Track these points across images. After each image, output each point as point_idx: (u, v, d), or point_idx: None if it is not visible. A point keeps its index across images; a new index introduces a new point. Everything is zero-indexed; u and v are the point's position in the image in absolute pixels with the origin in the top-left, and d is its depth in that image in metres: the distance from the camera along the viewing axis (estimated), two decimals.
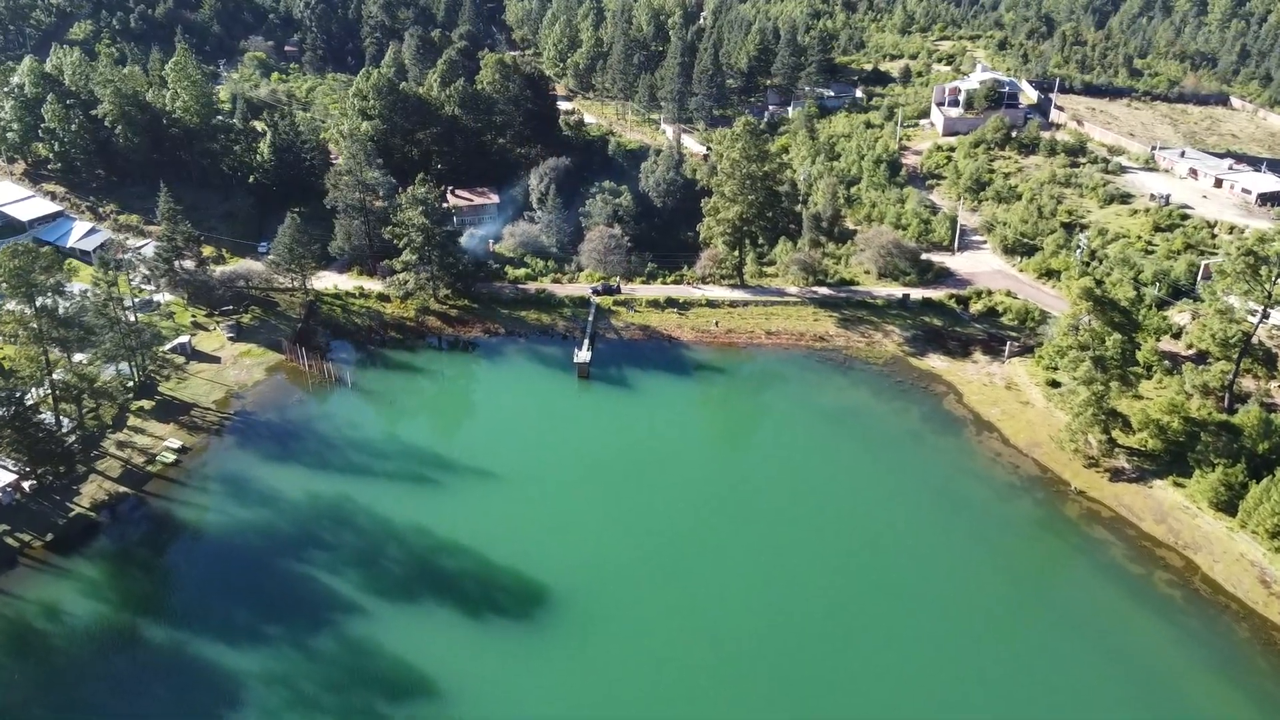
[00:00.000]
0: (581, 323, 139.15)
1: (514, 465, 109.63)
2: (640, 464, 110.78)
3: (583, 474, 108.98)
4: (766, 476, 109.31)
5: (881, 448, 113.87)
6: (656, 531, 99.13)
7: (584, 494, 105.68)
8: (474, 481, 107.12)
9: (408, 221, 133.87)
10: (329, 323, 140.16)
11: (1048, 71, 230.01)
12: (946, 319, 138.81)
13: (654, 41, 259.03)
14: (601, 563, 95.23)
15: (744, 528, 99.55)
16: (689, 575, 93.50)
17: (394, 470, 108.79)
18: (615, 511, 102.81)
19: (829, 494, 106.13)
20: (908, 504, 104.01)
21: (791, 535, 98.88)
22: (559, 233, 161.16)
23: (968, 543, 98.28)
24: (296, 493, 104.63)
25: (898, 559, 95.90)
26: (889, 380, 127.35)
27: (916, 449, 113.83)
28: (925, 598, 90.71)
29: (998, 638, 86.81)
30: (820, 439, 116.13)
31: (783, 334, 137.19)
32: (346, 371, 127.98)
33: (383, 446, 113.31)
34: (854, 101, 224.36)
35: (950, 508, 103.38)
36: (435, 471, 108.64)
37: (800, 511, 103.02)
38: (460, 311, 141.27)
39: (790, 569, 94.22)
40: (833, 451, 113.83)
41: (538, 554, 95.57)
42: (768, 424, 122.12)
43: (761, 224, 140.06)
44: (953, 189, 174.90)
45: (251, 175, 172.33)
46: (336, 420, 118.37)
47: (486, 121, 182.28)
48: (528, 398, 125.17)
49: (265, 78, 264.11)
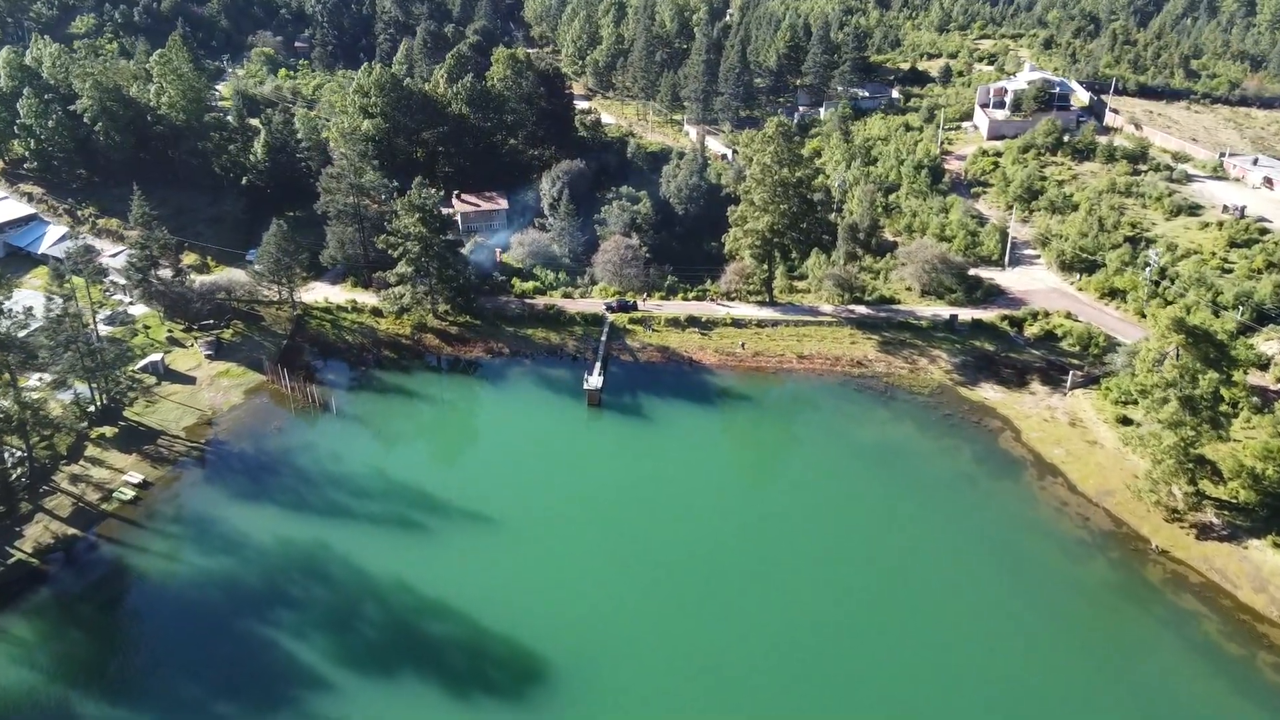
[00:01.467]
0: (593, 343, 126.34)
1: (513, 508, 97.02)
2: (656, 509, 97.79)
3: (590, 520, 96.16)
4: (798, 526, 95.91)
5: (930, 493, 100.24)
6: (673, 591, 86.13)
7: (591, 544, 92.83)
8: (467, 527, 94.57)
9: (404, 230, 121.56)
10: (317, 340, 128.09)
11: (1099, 72, 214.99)
12: (999, 343, 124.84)
13: (678, 39, 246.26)
14: (610, 628, 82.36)
15: (773, 588, 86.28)
16: (710, 644, 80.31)
17: (377, 512, 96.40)
18: (626, 565, 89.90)
19: (870, 548, 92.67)
20: (961, 561, 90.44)
21: (828, 598, 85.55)
22: (572, 242, 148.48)
23: (1033, 611, 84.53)
24: (266, 538, 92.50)
25: (951, 629, 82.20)
26: (936, 413, 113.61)
27: (970, 495, 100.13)
28: (984, 678, 77.17)
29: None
30: (860, 482, 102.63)
31: (816, 358, 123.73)
32: (332, 396, 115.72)
33: (367, 484, 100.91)
34: (890, 102, 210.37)
35: (1011, 567, 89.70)
36: (423, 514, 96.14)
37: (838, 569, 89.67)
38: (461, 329, 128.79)
39: (828, 638, 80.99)
40: (874, 496, 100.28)
41: (536, 616, 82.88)
42: (799, 463, 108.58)
43: (794, 236, 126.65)
44: (1001, 198, 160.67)
45: (245, 177, 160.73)
46: (318, 452, 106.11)
47: (497, 121, 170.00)
48: (532, 429, 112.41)
49: (272, 74, 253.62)
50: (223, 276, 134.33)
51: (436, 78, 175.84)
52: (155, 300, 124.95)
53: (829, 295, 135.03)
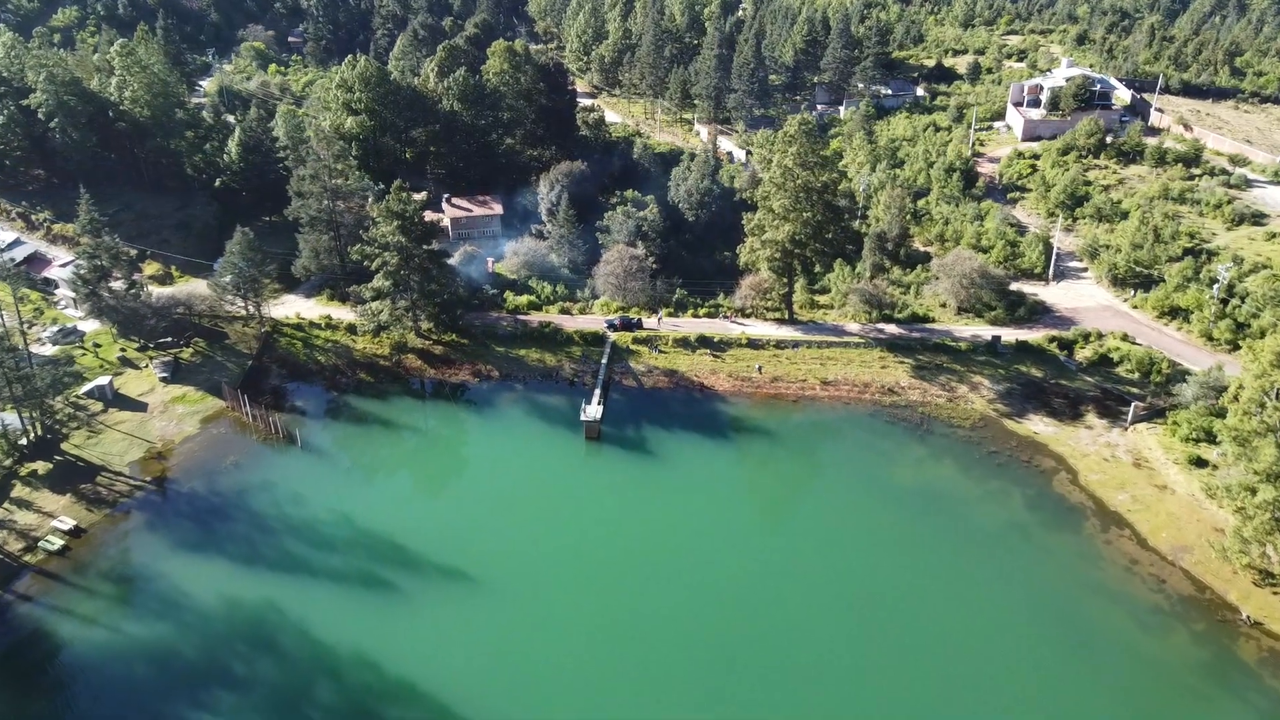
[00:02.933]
0: (593, 365, 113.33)
1: (497, 563, 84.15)
2: (661, 566, 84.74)
3: (587, 579, 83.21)
4: (825, 587, 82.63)
5: (976, 547, 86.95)
6: (682, 668, 73.06)
7: (588, 609, 79.76)
8: (443, 587, 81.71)
9: (381, 239, 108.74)
10: (286, 360, 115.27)
11: (1139, 69, 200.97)
12: (1048, 368, 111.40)
13: (688, 33, 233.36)
14: (609, 715, 69.48)
15: (798, 661, 73.11)
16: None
17: (340, 568, 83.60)
18: (629, 636, 76.93)
19: (909, 612, 79.35)
20: (1015, 632, 77.24)
21: (861, 674, 72.39)
22: (571, 251, 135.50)
23: (1102, 694, 71.22)
24: (210, 599, 79.82)
25: (1005, 716, 69.29)
26: (980, 450, 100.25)
27: (1023, 550, 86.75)
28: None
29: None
30: (895, 532, 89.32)
31: (842, 384, 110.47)
32: (297, 427, 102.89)
33: (330, 532, 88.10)
34: (915, 100, 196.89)
35: (1075, 639, 76.35)
36: (393, 571, 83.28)
37: (872, 640, 76.44)
38: (446, 349, 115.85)
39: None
40: (911, 550, 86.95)
41: (521, 702, 70.06)
42: (825, 511, 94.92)
43: (817, 247, 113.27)
44: (1041, 204, 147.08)
45: (219, 179, 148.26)
46: (277, 492, 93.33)
47: (492, 119, 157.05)
48: (521, 467, 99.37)
49: (262, 70, 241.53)
50: (183, 289, 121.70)
51: (426, 72, 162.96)
52: (106, 316, 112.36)
53: (855, 312, 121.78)
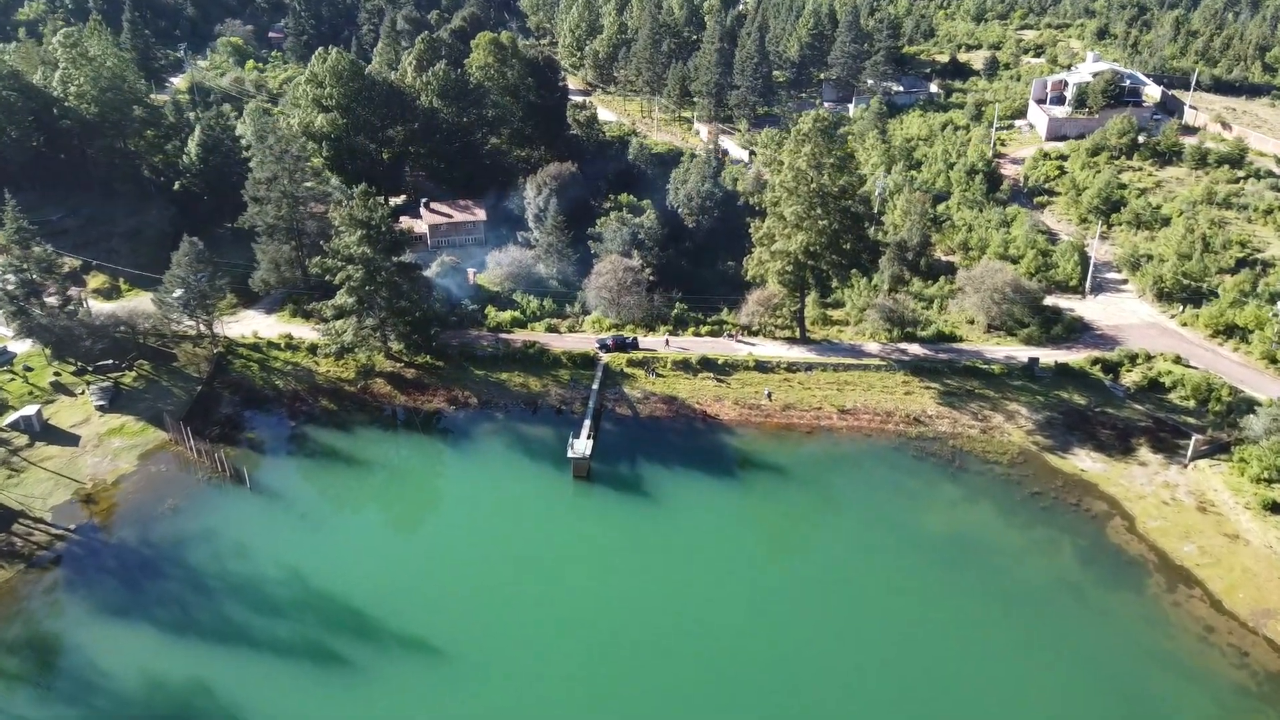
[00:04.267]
0: (583, 391, 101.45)
1: (469, 629, 72.40)
2: (660, 626, 72.99)
3: (573, 644, 71.33)
4: (845, 651, 70.85)
5: (1021, 608, 75.11)
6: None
7: (574, 681, 68.01)
8: (404, 659, 69.83)
9: (344, 251, 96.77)
10: (240, 385, 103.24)
11: (1166, 64, 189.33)
12: (1091, 394, 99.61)
13: (687, 27, 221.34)
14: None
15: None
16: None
17: (286, 638, 71.68)
18: (620, 712, 65.34)
19: (942, 683, 67.60)
20: (1071, 711, 65.56)
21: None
22: (560, 261, 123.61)
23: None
24: (131, 678, 67.98)
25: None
26: (1021, 491, 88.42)
27: (1076, 612, 74.85)
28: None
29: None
30: (925, 588, 77.47)
31: (862, 412, 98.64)
32: (247, 465, 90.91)
33: (277, 592, 76.19)
34: (929, 97, 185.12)
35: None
36: (347, 641, 71.38)
37: (899, 715, 64.91)
38: (419, 372, 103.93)
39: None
40: (945, 610, 75.14)
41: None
42: (845, 560, 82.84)
43: (834, 258, 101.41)
44: (1072, 209, 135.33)
45: (178, 181, 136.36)
46: (220, 543, 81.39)
47: (476, 116, 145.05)
48: (499, 512, 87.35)
49: (239, 66, 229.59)
50: (126, 305, 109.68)
51: (404, 66, 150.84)
52: (37, 336, 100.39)
53: (874, 330, 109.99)
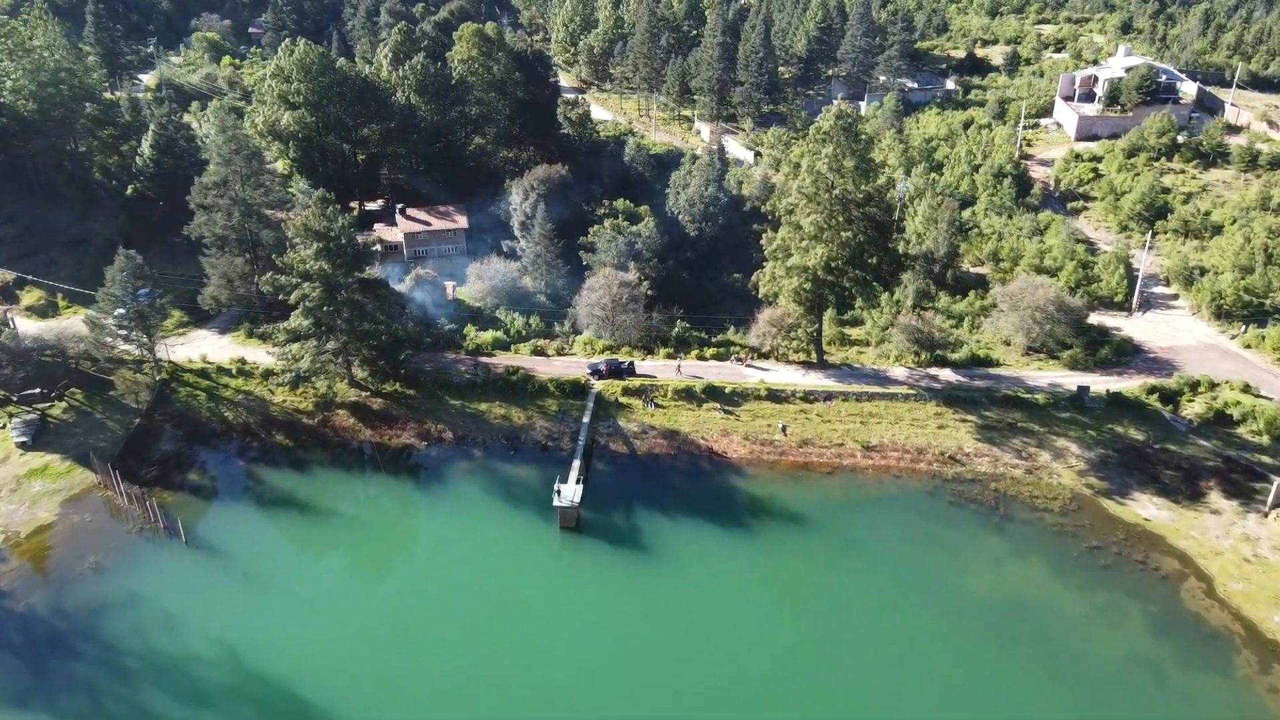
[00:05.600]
0: (572, 425, 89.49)
1: (436, 715, 60.59)
2: (659, 703, 61.11)
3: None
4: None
5: (1086, 691, 63.30)
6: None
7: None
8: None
9: (300, 267, 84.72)
10: (184, 418, 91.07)
11: (1197, 59, 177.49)
12: (1149, 428, 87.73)
13: (686, 21, 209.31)
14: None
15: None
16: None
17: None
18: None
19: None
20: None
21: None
22: (549, 274, 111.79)
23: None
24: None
25: None
26: (1077, 544, 76.51)
27: (1154, 699, 63.12)
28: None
29: None
30: (971, 666, 65.62)
31: (890, 450, 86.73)
32: (184, 514, 78.84)
33: (208, 676, 64.25)
34: (947, 95, 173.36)
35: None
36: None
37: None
38: (386, 403, 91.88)
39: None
40: (997, 693, 63.32)
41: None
42: (873, 629, 70.53)
43: (857, 274, 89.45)
44: (1111, 215, 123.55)
45: (131, 185, 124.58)
46: (144, 613, 69.39)
47: (459, 114, 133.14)
48: (474, 572, 75.22)
49: (215, 62, 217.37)
50: (56, 326, 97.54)
51: (379, 59, 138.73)
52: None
53: (899, 353, 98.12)
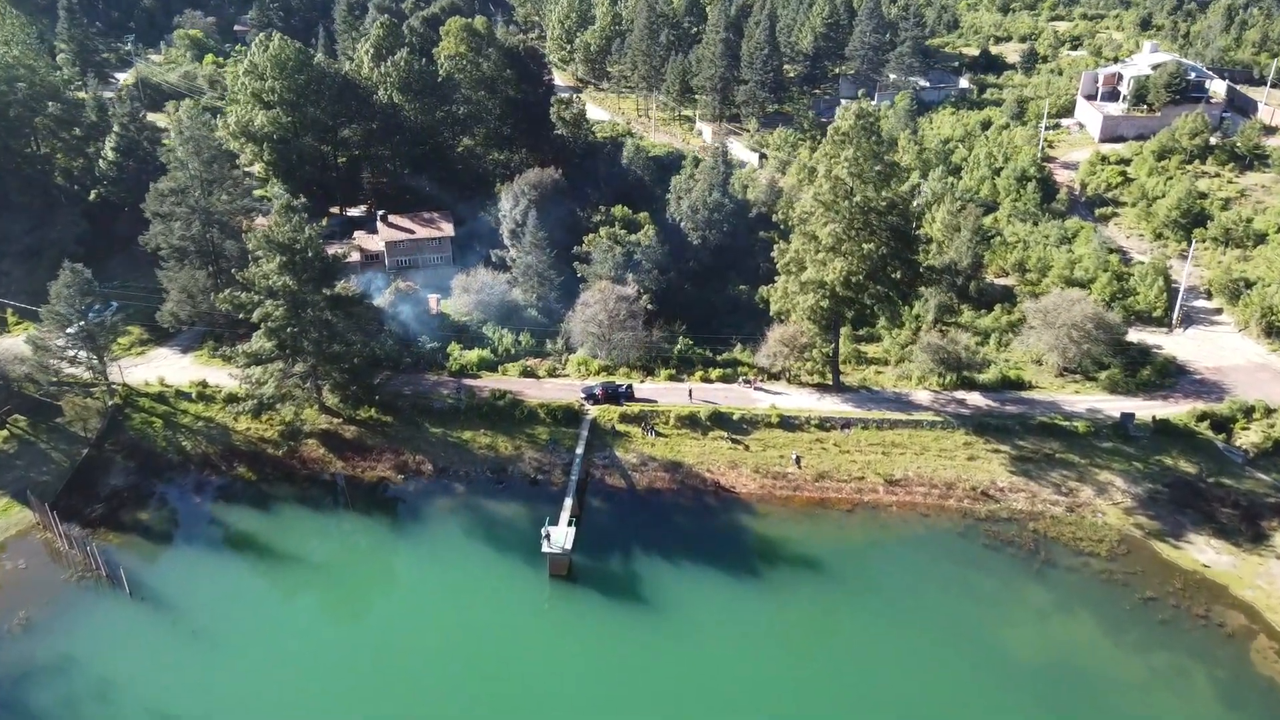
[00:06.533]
0: (565, 456, 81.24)
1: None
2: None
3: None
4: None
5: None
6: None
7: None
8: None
9: (260, 283, 76.41)
10: (138, 448, 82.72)
11: (1223, 56, 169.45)
12: (1201, 459, 79.44)
13: (687, 17, 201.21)
14: None
15: None
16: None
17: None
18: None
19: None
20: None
21: None
22: (540, 286, 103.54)
23: None
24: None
25: None
26: (1129, 595, 68.26)
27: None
28: None
29: None
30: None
31: (915, 484, 78.50)
32: (130, 560, 70.57)
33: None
34: (961, 94, 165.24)
35: None
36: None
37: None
38: (361, 431, 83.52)
39: None
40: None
41: None
42: (902, 693, 62.21)
43: (879, 289, 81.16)
44: (1144, 222, 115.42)
45: (95, 190, 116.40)
46: (78, 679, 61.17)
47: (445, 114, 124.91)
48: (454, 626, 66.86)
49: (198, 61, 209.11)
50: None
51: (360, 55, 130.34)
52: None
53: (922, 374, 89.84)
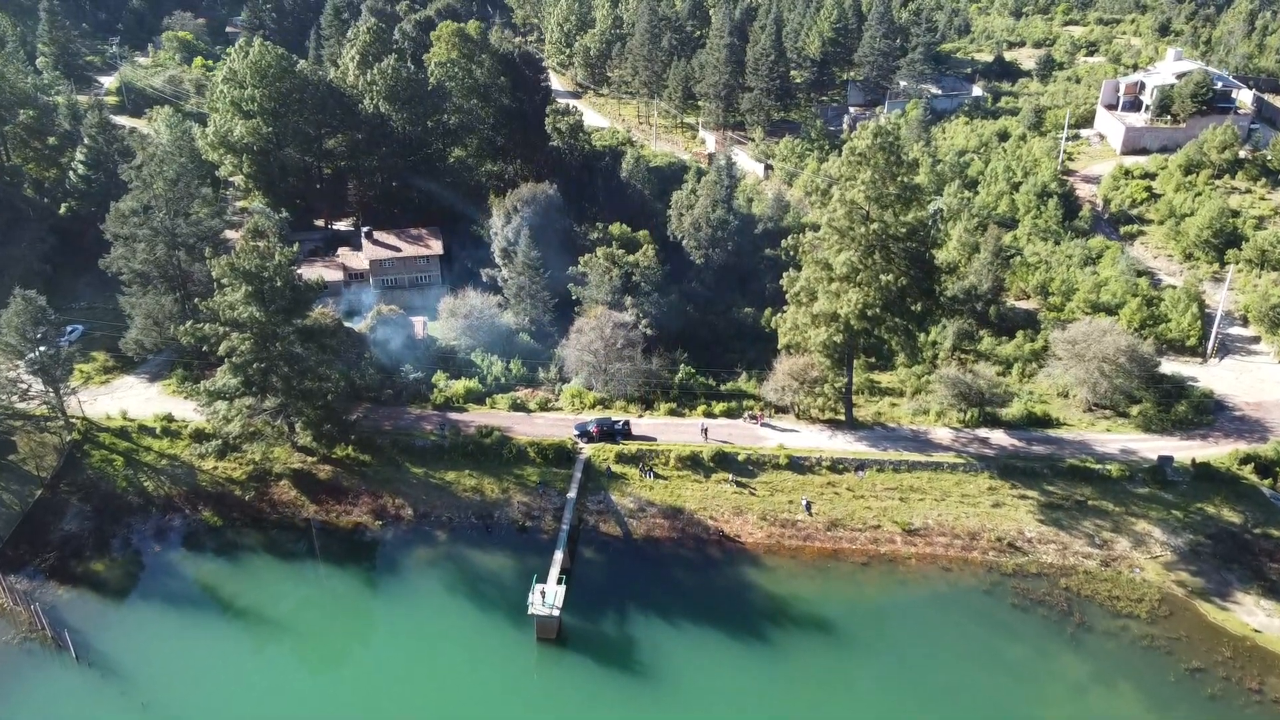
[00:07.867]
0: (556, 500, 75.06)
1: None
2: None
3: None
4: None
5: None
6: None
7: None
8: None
9: (226, 313, 70.27)
10: (95, 489, 76.58)
11: (1248, 64, 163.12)
12: (1246, 507, 73.28)
13: (690, 21, 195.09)
14: None
15: None
16: None
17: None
18: None
19: None
20: None
21: None
22: (533, 308, 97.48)
23: None
24: None
25: None
26: (1173, 666, 62.05)
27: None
28: None
29: None
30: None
31: (936, 534, 72.33)
32: (78, 621, 64.48)
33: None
34: (975, 102, 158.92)
35: None
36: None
37: None
38: (336, 471, 77.33)
39: None
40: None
41: None
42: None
43: (897, 321, 74.93)
44: (1172, 242, 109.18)
45: (65, 204, 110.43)
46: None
47: (435, 124, 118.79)
48: (431, 694, 60.72)
49: (187, 64, 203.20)
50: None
51: (345, 62, 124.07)
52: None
53: (940, 409, 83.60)
